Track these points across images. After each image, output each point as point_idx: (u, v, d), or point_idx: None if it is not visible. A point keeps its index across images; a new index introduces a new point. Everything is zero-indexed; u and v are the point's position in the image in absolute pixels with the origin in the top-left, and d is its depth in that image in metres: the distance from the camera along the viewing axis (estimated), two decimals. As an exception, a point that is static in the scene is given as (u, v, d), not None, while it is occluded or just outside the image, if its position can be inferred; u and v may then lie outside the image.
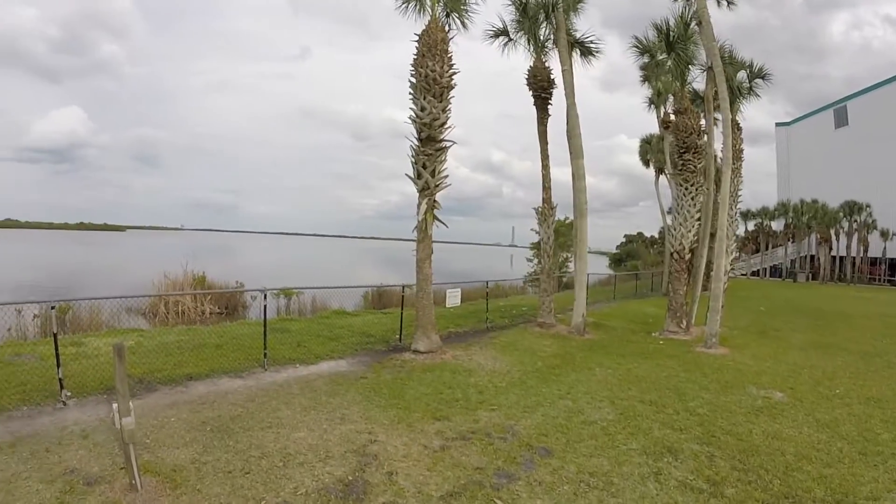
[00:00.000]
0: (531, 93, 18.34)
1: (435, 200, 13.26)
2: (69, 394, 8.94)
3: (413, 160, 13.22)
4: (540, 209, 18.62)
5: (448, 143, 13.26)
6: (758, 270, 63.18)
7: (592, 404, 9.38)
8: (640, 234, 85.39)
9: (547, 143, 18.35)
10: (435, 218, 13.29)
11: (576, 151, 17.32)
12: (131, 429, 5.65)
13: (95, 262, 59.65)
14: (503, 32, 18.82)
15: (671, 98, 30.30)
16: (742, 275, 59.15)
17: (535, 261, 37.22)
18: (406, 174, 13.43)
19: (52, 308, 9.15)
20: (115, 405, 5.78)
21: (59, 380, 8.82)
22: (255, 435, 7.71)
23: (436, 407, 9.03)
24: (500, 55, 18.88)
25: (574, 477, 6.57)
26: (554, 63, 18.22)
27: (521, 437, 7.77)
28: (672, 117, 33.09)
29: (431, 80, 12.79)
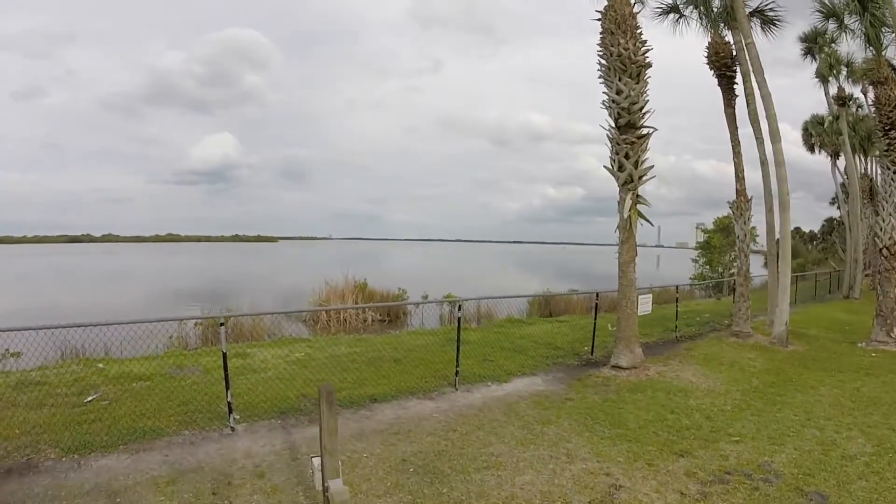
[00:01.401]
0: (713, 73, 16.47)
1: (639, 195, 11.50)
2: (237, 417, 7.73)
3: (613, 150, 11.54)
4: (734, 203, 16.40)
5: (650, 130, 11.51)
6: None
7: (841, 433, 7.90)
8: (797, 229, 78.20)
9: (737, 128, 16.31)
10: (640, 215, 11.52)
11: (773, 134, 15.17)
12: (344, 499, 3.85)
13: (254, 270, 61.90)
14: (673, 9, 17.14)
15: (843, 71, 27.55)
16: None
17: (702, 261, 34.34)
18: (604, 166, 11.85)
19: (222, 325, 7.89)
20: (316, 461, 4.27)
21: (228, 403, 7.63)
22: (472, 479, 6.16)
23: (668, 438, 7.56)
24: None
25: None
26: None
27: (785, 478, 6.37)
28: (850, 91, 29.39)
29: (626, 60, 11.13)
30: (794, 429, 8.05)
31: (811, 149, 36.82)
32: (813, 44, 26.16)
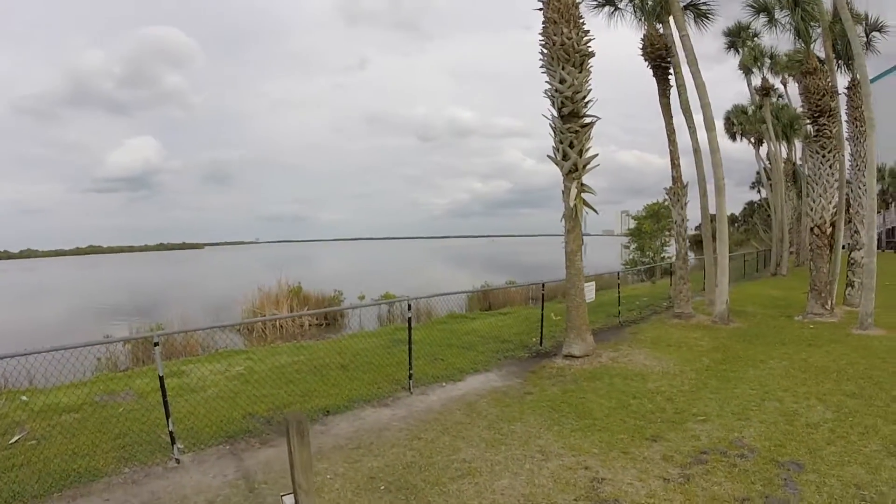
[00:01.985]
0: (648, 64, 16.71)
1: (583, 184, 11.28)
2: (182, 447, 6.85)
3: (558, 139, 11.28)
4: (671, 189, 16.74)
5: (593, 118, 11.33)
6: (843, 245, 57.27)
7: (800, 403, 8.08)
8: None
9: (671, 117, 16.54)
10: (585, 204, 11.32)
11: (707, 122, 15.38)
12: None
13: (181, 280, 59.48)
14: (609, 2, 17.21)
15: (766, 63, 28.95)
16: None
17: (632, 247, 34.82)
18: (548, 156, 11.59)
19: (156, 344, 6.78)
20: (288, 500, 3.59)
21: (171, 433, 6.69)
22: (449, 490, 5.63)
23: (636, 423, 7.40)
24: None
25: (842, 492, 5.40)
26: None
27: (759, 452, 6.39)
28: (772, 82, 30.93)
29: (570, 49, 10.91)
30: (755, 403, 8.10)
31: (733, 137, 38.16)
32: (737, 37, 27.26)
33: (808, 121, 16.42)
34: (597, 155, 11.33)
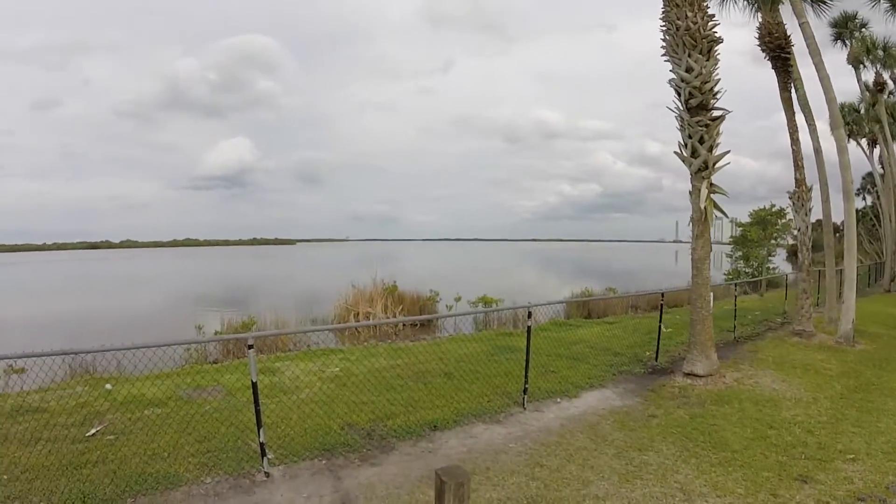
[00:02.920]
0: (767, 55, 15.20)
1: (713, 184, 10.17)
2: (272, 458, 6.18)
3: (686, 134, 10.17)
4: (794, 193, 15.06)
5: (723, 111, 10.18)
6: None
7: None
8: (817, 220, 75.84)
9: (794, 113, 14.96)
10: (715, 206, 10.19)
11: (834, 120, 14.07)
12: None
13: (275, 273, 60.13)
14: None
15: (880, 56, 26.47)
16: None
17: (736, 255, 32.88)
18: (675, 152, 10.54)
19: (250, 347, 5.98)
20: None
21: (261, 444, 6.03)
22: None
23: (778, 459, 6.43)
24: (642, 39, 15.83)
25: None
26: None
27: None
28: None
29: (696, 34, 9.86)
30: None
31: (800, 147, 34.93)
32: (843, 28, 24.98)
33: None
34: (728, 152, 10.23)
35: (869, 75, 27.69)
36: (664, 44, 10.35)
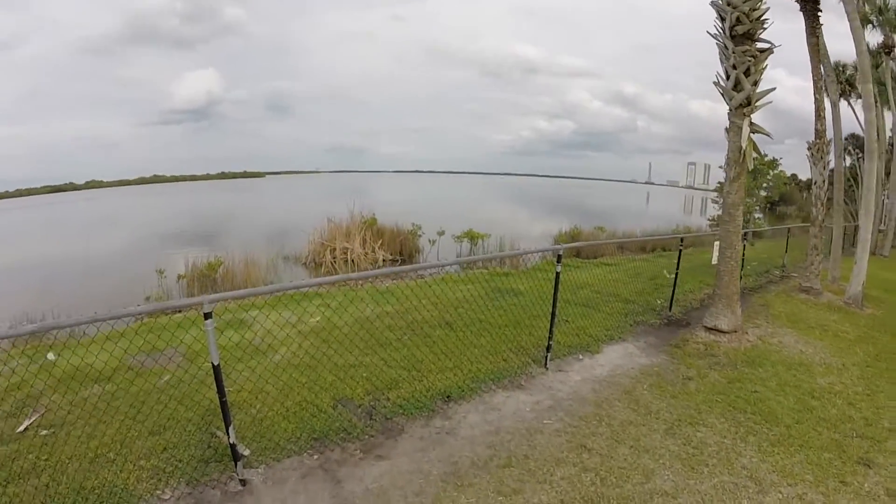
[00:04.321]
0: None
1: (753, 123, 8.98)
2: (248, 454, 4.67)
3: (730, 63, 8.89)
4: (814, 144, 14.16)
5: (770, 45, 8.92)
6: None
7: None
8: (794, 175, 75.04)
9: (819, 60, 13.91)
10: (755, 147, 9.08)
11: (863, 73, 13.09)
12: None
13: (243, 208, 57.29)
14: None
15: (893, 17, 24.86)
16: None
17: (720, 202, 32.11)
18: (715, 83, 9.21)
19: (207, 317, 4.13)
20: None
21: (232, 446, 4.43)
22: None
23: (832, 437, 5.79)
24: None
25: None
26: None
27: None
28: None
29: None
30: None
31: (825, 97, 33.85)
32: None
33: None
34: (774, 89, 9.02)
35: (872, 37, 26.04)
36: None
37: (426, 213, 32.90)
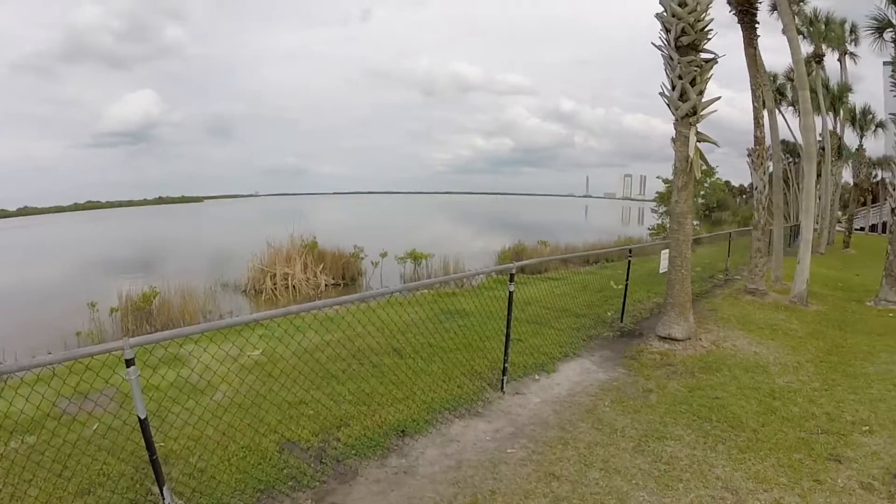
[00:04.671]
0: (733, 10, 14.65)
1: (699, 132, 9.10)
2: None
3: (676, 74, 8.97)
4: (753, 150, 14.88)
5: (714, 55, 9.13)
6: (875, 225, 53.55)
7: None
8: (727, 182, 77.98)
9: (758, 69, 14.69)
10: (702, 156, 9.18)
11: (800, 80, 13.73)
12: None
13: (180, 233, 55.45)
14: None
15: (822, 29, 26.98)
16: (858, 229, 47.50)
17: (661, 211, 33.17)
18: (660, 94, 9.34)
19: (129, 364, 3.66)
20: None
21: None
22: None
23: (799, 436, 5.86)
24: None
25: None
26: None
27: None
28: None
29: None
30: None
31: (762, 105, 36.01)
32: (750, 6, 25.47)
33: None
34: (719, 98, 9.27)
35: (802, 47, 28.05)
36: None
37: (367, 235, 32.35)
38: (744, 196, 66.38)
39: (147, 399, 4.16)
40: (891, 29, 15.28)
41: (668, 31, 8.92)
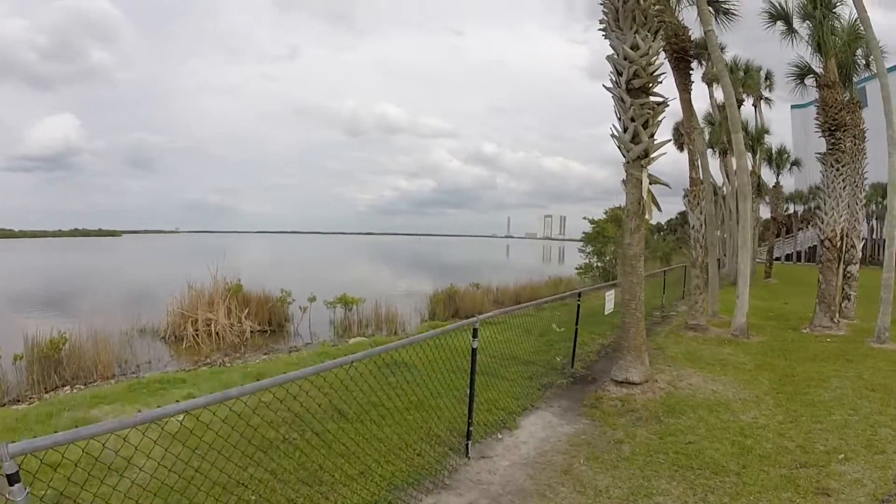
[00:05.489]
0: (668, 57, 14.93)
1: (651, 175, 9.05)
2: None
3: (628, 117, 8.84)
4: (690, 191, 15.33)
5: (665, 98, 9.14)
6: (790, 255, 59.68)
7: None
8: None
9: (692, 114, 15.43)
10: (653, 199, 9.13)
11: (734, 123, 14.23)
12: None
13: (97, 270, 51.85)
14: None
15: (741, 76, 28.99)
16: (776, 259, 53.04)
17: (588, 250, 33.63)
18: (612, 135, 9.18)
19: (13, 481, 2.41)
20: None
21: None
22: None
23: (782, 473, 5.72)
24: (487, 47, 15.36)
25: None
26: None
27: None
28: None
29: (647, 10, 8.70)
30: (869, 432, 6.96)
31: (680, 147, 38.26)
32: (703, 49, 27.33)
33: (825, 134, 15.72)
34: (669, 141, 9.39)
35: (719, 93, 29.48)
36: (604, 16, 9.14)
37: (292, 276, 31.05)
38: (661, 233, 68.55)
39: (42, 488, 3.17)
40: (811, 75, 16.15)
41: (619, 73, 8.86)
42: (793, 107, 67.71)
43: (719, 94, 29.45)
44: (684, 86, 14.91)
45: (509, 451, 6.14)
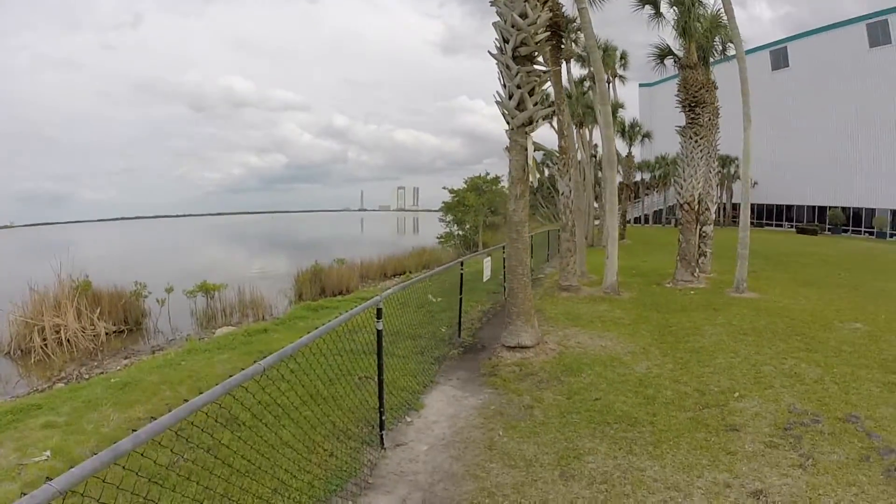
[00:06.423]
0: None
1: (535, 142, 9.15)
2: None
3: (514, 84, 8.71)
4: (560, 159, 16.07)
5: (548, 69, 9.50)
6: (638, 217, 66.41)
7: (786, 363, 7.75)
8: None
9: (562, 86, 16.29)
10: (536, 165, 9.46)
11: (602, 96, 15.38)
12: None
13: None
14: None
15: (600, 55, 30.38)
16: (627, 222, 58.19)
17: (448, 219, 33.99)
18: (497, 102, 9.05)
19: None
20: None
21: None
22: None
23: (693, 416, 6.00)
24: (343, 17, 15.11)
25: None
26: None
27: (819, 414, 5.78)
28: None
29: None
30: (754, 371, 7.51)
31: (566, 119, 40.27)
32: (562, 30, 28.67)
33: (685, 110, 16.99)
34: (552, 108, 10.10)
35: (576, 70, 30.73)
36: None
37: (143, 266, 28.73)
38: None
39: None
40: (671, 56, 17.68)
41: (506, 41, 8.77)
42: (640, 85, 73.68)
43: (574, 72, 30.72)
44: (556, 59, 15.39)
45: (423, 434, 5.77)
